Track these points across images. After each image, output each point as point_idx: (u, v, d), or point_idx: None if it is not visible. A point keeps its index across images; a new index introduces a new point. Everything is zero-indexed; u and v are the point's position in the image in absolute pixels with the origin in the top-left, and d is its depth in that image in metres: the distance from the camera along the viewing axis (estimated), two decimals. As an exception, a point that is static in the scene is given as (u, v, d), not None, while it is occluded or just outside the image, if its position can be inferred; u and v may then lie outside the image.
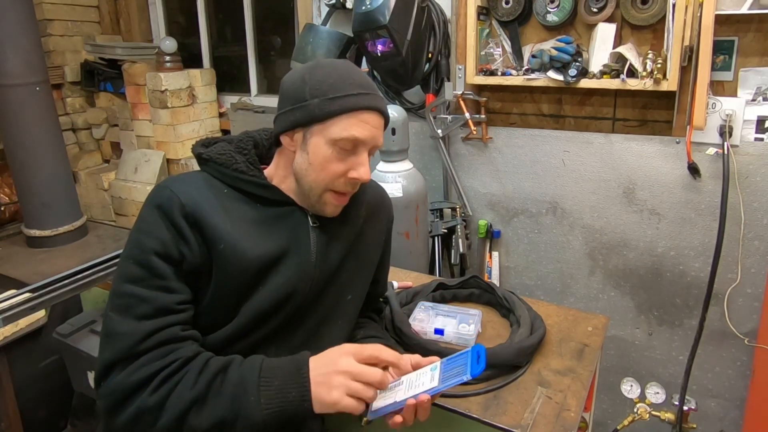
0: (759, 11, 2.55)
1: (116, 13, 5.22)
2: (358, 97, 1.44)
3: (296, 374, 1.30)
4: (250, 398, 1.26)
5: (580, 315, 2.17)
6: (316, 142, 1.44)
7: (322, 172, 1.45)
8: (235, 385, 1.28)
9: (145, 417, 1.26)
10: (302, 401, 1.27)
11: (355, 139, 1.43)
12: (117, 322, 1.31)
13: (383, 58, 3.19)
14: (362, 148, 1.47)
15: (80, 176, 4.88)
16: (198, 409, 1.26)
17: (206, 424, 1.25)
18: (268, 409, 1.26)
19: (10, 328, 2.77)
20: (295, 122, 1.45)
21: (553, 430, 1.56)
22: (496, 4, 3.20)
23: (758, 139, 2.74)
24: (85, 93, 5.15)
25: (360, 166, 1.46)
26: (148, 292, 1.33)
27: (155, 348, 1.30)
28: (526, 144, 3.32)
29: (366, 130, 1.45)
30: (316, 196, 1.48)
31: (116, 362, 1.28)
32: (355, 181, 1.47)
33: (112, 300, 1.35)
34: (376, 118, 1.48)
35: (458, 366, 1.33)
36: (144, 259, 1.34)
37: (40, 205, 3.61)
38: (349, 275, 1.67)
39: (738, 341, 2.92)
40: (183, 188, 1.42)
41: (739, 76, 2.73)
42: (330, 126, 1.43)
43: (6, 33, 3.30)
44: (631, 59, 2.77)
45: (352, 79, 1.46)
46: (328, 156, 1.44)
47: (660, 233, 3.05)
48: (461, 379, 1.29)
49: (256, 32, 4.67)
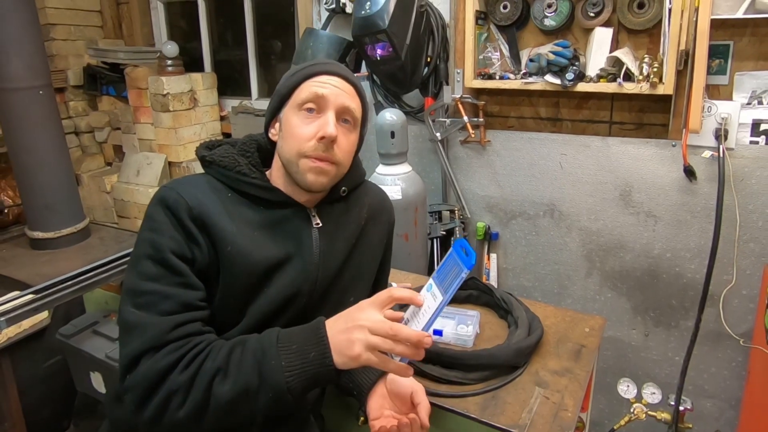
0: (754, 16, 2.55)
1: (118, 17, 5.23)
2: (315, 66, 1.53)
3: (314, 335, 1.29)
4: (271, 362, 1.25)
5: (577, 316, 2.18)
6: (287, 115, 1.52)
7: (292, 139, 1.48)
8: (255, 352, 1.28)
9: (175, 396, 1.24)
10: (323, 359, 1.26)
11: (315, 94, 1.47)
12: (141, 317, 1.30)
13: (382, 62, 3.19)
14: (327, 107, 1.49)
15: (83, 179, 4.89)
16: (221, 379, 1.25)
17: (231, 393, 1.24)
18: (290, 371, 1.25)
19: (14, 329, 2.77)
20: (272, 110, 1.57)
21: (550, 430, 1.56)
22: (494, 8, 3.20)
23: (753, 143, 2.74)
24: (87, 96, 5.16)
25: (326, 125, 1.47)
26: (170, 289, 1.33)
27: (181, 338, 1.30)
28: (523, 147, 3.32)
29: (326, 88, 1.49)
30: (294, 167, 1.49)
31: (144, 352, 1.27)
32: (324, 140, 1.46)
33: (131, 298, 1.33)
34: (337, 79, 1.52)
35: (451, 270, 1.29)
36: (161, 257, 1.34)
37: (44, 207, 3.61)
38: (352, 277, 1.67)
39: (733, 342, 2.92)
40: (189, 191, 1.42)
41: (734, 80, 2.74)
42: (295, 97, 1.51)
43: (9, 37, 3.30)
44: (627, 63, 2.78)
45: (317, 60, 1.56)
46: (297, 122, 1.48)
47: (656, 235, 3.05)
48: (461, 278, 1.25)
49: (256, 36, 4.68)
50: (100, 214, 4.89)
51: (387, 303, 1.30)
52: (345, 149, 1.53)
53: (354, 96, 1.56)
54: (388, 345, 1.23)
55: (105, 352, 2.52)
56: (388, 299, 1.29)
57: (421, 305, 1.30)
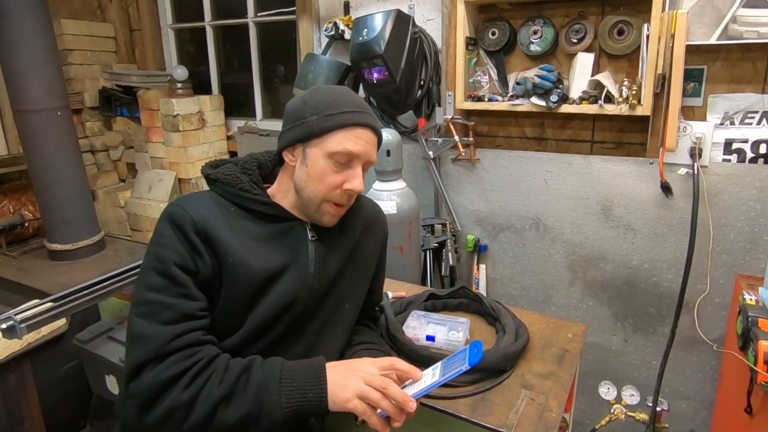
0: (726, 42, 2.58)
1: (132, 43, 5.24)
2: (352, 114, 1.48)
3: (314, 377, 1.33)
4: (272, 397, 1.29)
5: (560, 323, 2.18)
6: (315, 155, 1.47)
7: (320, 184, 1.48)
8: (259, 385, 1.31)
9: (177, 413, 1.27)
10: (319, 401, 1.31)
11: (350, 152, 1.46)
12: (144, 327, 1.32)
13: (379, 85, 3.21)
14: (356, 161, 1.49)
15: (98, 194, 4.88)
16: (225, 405, 1.29)
17: (233, 418, 1.28)
18: (288, 407, 1.30)
19: (34, 335, 2.77)
20: (296, 138, 1.49)
21: (536, 429, 1.56)
22: (483, 35, 3.22)
23: (726, 160, 2.76)
24: (102, 117, 5.17)
25: (354, 179, 1.49)
26: (171, 300, 1.34)
27: (181, 349, 1.32)
28: (510, 165, 3.33)
29: (359, 145, 1.48)
30: (314, 206, 1.50)
31: (147, 362, 1.29)
32: (350, 192, 1.49)
33: (136, 307, 1.36)
34: (369, 134, 1.51)
35: (457, 360, 1.35)
36: (165, 269, 1.36)
37: (61, 221, 3.61)
38: (347, 285, 1.68)
39: (707, 347, 2.93)
40: (194, 206, 1.43)
41: (708, 102, 2.76)
42: (326, 140, 1.46)
43: (30, 63, 3.32)
44: (608, 86, 2.79)
45: (348, 100, 1.50)
46: (325, 168, 1.47)
47: (635, 247, 3.06)
48: (461, 370, 1.30)
49: (261, 61, 4.69)
50: (114, 228, 4.89)
51: (387, 368, 1.37)
52: (360, 191, 1.55)
53: (376, 145, 1.57)
54: (376, 396, 1.30)
55: (119, 356, 2.52)
56: (390, 366, 1.37)
57: (419, 379, 1.37)
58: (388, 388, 1.31)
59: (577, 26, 2.97)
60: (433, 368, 1.40)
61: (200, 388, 1.29)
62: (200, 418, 1.27)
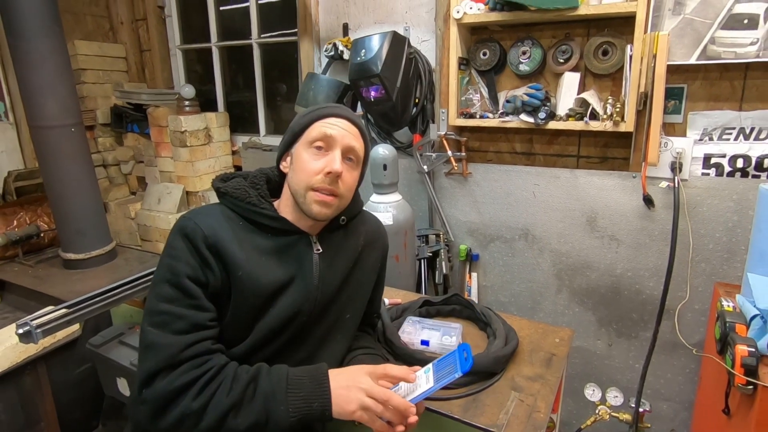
0: (705, 62, 2.59)
1: (142, 63, 5.25)
2: (326, 108, 1.56)
3: (319, 388, 1.35)
4: (280, 407, 1.31)
5: (548, 328, 2.19)
6: (298, 151, 1.54)
7: (302, 173, 1.50)
8: (266, 395, 1.32)
9: (188, 420, 1.28)
10: (324, 411, 1.33)
11: (324, 134, 1.51)
12: (157, 336, 1.32)
13: (376, 103, 3.22)
14: (334, 145, 1.52)
15: (110, 206, 4.88)
16: (235, 414, 1.29)
17: (243, 426, 1.29)
18: (294, 416, 1.31)
19: (49, 339, 2.77)
20: (285, 144, 1.59)
21: (524, 429, 1.57)
22: (475, 55, 3.24)
23: (705, 174, 2.77)
24: (114, 133, 5.16)
25: (333, 162, 1.50)
26: (183, 310, 1.35)
27: (192, 358, 1.33)
28: (501, 178, 3.34)
29: (334, 129, 1.52)
30: (302, 198, 1.51)
31: (159, 370, 1.30)
32: (329, 174, 1.49)
33: (150, 317, 1.36)
34: (345, 122, 1.55)
35: (448, 365, 1.36)
36: (177, 281, 1.36)
37: (75, 231, 3.61)
38: (348, 296, 1.68)
39: (687, 351, 2.93)
40: (205, 221, 1.44)
41: (688, 119, 2.77)
42: (306, 134, 1.54)
43: (46, 81, 3.32)
44: (593, 104, 2.81)
45: (326, 103, 1.60)
46: (307, 158, 1.51)
47: (618, 256, 3.07)
48: (453, 377, 1.32)
49: (264, 80, 4.70)
50: (125, 238, 4.88)
51: (381, 377, 1.39)
52: (348, 184, 1.55)
53: (358, 137, 1.58)
54: (379, 409, 1.33)
55: (130, 359, 2.52)
56: (383, 375, 1.39)
57: (413, 382, 1.39)
58: (390, 400, 1.33)
59: (564, 47, 2.98)
60: (425, 370, 1.41)
61: (210, 396, 1.30)
62: (210, 426, 1.28)
